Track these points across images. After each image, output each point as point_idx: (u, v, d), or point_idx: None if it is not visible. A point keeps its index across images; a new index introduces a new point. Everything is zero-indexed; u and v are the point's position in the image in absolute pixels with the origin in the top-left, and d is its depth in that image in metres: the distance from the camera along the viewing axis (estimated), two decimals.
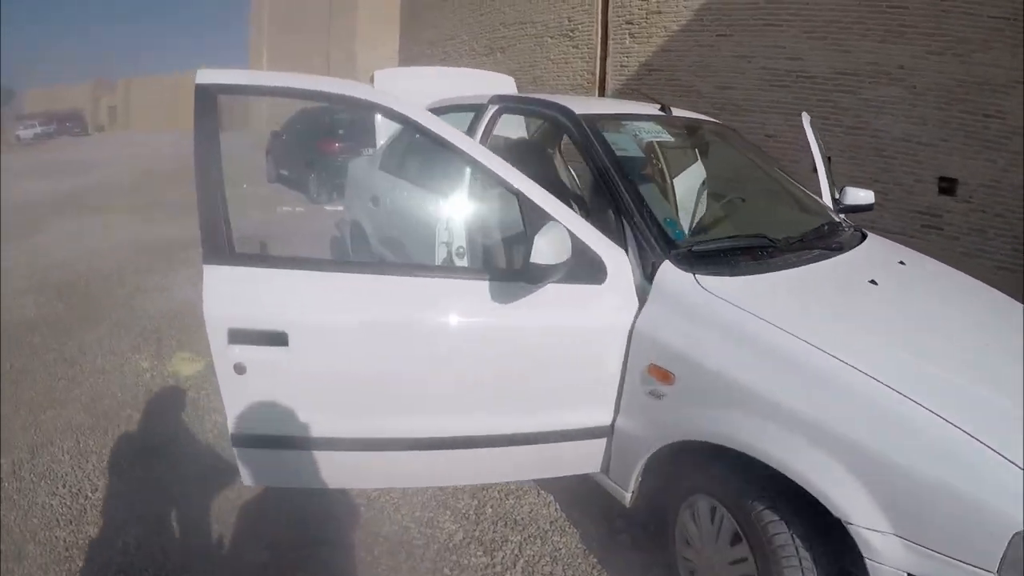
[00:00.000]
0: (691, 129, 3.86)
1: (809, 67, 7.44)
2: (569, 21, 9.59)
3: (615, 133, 3.09)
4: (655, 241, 2.43)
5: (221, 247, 2.16)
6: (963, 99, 6.69)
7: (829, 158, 4.06)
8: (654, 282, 2.37)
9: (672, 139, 3.65)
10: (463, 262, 2.90)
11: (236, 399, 2.30)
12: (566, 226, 2.21)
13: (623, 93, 8.74)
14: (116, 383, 4.61)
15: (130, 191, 13.93)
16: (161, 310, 6.07)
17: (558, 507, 3.18)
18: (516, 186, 2.27)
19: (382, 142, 4.86)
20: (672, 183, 3.73)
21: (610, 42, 9.13)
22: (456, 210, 3.11)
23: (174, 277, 7.14)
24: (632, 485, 2.51)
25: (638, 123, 3.39)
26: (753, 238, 2.71)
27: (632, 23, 8.69)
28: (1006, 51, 6.47)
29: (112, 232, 9.63)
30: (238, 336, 2.18)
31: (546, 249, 2.09)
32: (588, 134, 2.87)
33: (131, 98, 48.82)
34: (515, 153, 3.71)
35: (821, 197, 3.72)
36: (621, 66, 9.07)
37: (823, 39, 7.25)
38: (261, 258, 2.35)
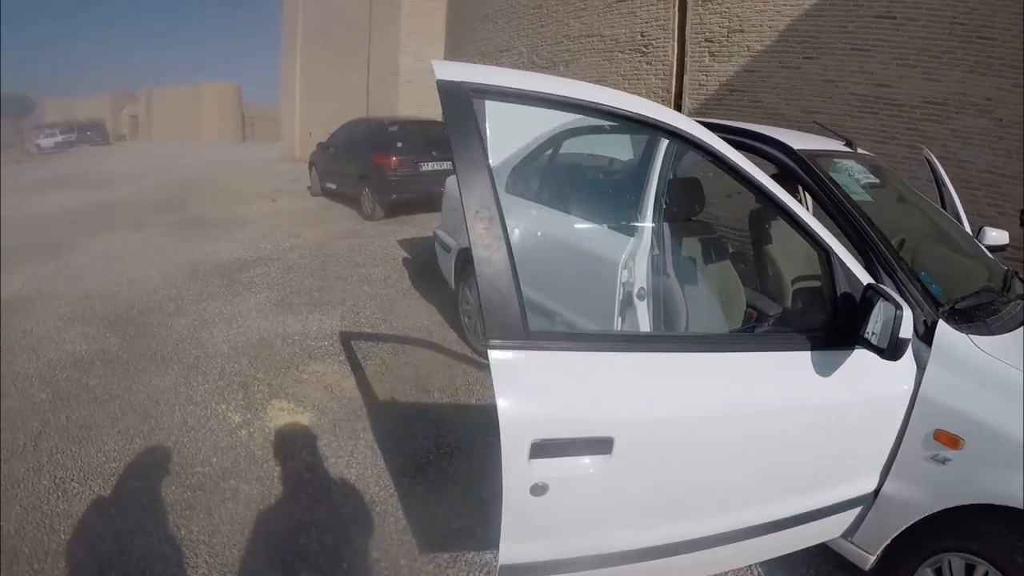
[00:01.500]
0: (875, 168, 3.59)
1: (897, 94, 7.31)
2: (642, 36, 9.33)
3: (835, 173, 2.89)
4: (923, 298, 2.32)
5: (512, 322, 1.61)
6: None
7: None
8: (934, 344, 2.24)
9: (876, 180, 3.43)
10: (644, 306, 2.81)
11: (521, 525, 1.77)
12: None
13: (703, 112, 8.50)
14: (206, 442, 3.87)
15: (162, 206, 13.04)
16: (236, 346, 5.32)
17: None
18: (828, 243, 2.11)
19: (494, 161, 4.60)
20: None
21: (687, 59, 8.87)
22: (639, 248, 2.92)
23: (240, 304, 6.42)
24: (880, 549, 2.40)
25: (844, 161, 3.22)
26: (991, 292, 2.63)
27: (712, 41, 8.46)
28: None
29: (153, 252, 8.83)
30: (544, 449, 1.69)
31: (907, 321, 1.88)
32: (819, 175, 2.64)
33: (153, 108, 47.32)
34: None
35: None
36: (699, 84, 8.81)
37: (913, 67, 7.14)
38: (567, 337, 1.92)
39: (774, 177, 2.31)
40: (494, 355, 1.59)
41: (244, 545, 2.93)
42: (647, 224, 3.02)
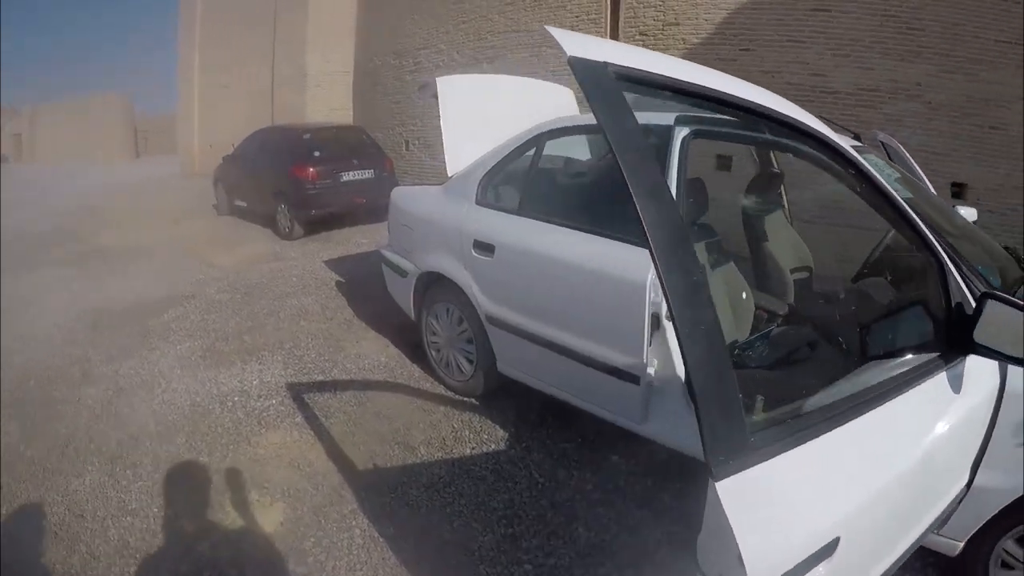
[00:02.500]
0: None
1: (832, 83, 7.53)
2: (572, 30, 8.78)
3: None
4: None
5: (735, 434, 1.14)
6: (972, 113, 7.17)
7: None
8: None
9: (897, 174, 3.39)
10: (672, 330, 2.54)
11: None
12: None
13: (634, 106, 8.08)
14: (157, 570, 2.82)
15: (54, 238, 10.59)
16: (165, 420, 4.11)
17: None
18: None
19: (454, 171, 4.13)
20: None
21: None
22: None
23: (159, 361, 5.09)
24: (969, 535, 2.39)
25: (865, 155, 3.13)
26: None
27: (646, 34, 8.23)
28: (1009, 71, 7.03)
29: (48, 297, 7.09)
30: None
31: None
32: (862, 168, 2.41)
33: (38, 126, 40.89)
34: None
35: None
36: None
37: (847, 56, 7.41)
38: (788, 431, 1.40)
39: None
40: (724, 486, 1.09)
41: None
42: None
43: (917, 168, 4.15)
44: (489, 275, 3.77)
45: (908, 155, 4.29)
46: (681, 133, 2.92)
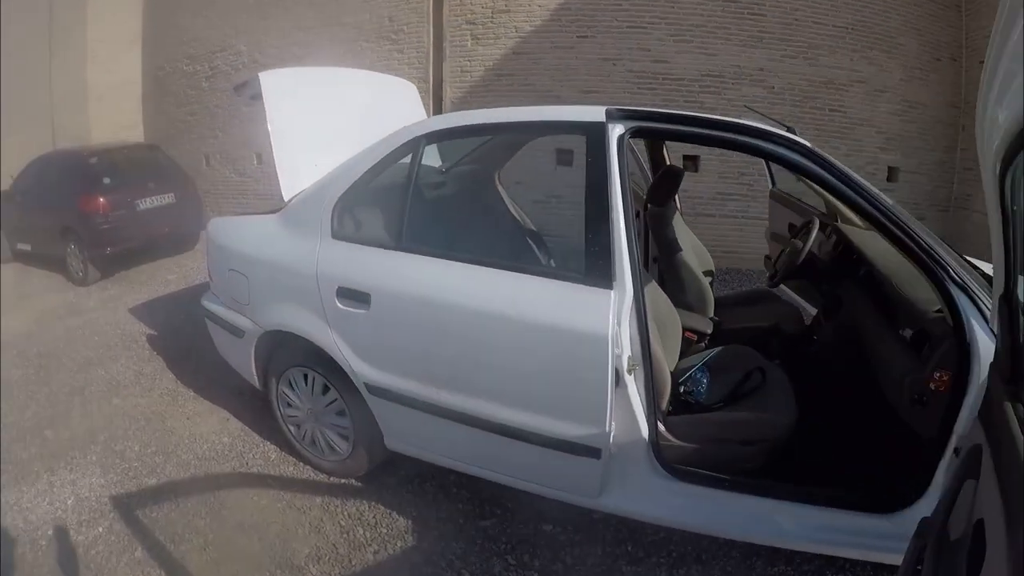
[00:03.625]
0: None
1: (675, 69, 7.18)
2: (391, 21, 7.94)
3: None
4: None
5: None
6: (813, 97, 7.31)
7: None
8: None
9: None
10: (633, 383, 2.27)
11: None
12: None
13: (468, 103, 7.21)
14: None
15: None
16: None
17: None
18: None
19: (291, 194, 3.19)
20: None
21: (446, 44, 7.67)
22: (624, 301, 2.26)
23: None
24: None
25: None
26: None
27: (475, 23, 7.38)
28: (846, 56, 7.33)
29: None
30: None
31: None
32: (849, 177, 2.24)
33: None
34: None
35: None
36: (462, 71, 7.68)
37: (689, 42, 7.14)
38: None
39: None
40: None
41: None
42: (625, 259, 2.28)
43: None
44: (365, 333, 2.84)
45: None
46: (616, 131, 2.39)
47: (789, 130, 2.60)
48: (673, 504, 2.39)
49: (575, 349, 2.26)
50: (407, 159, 2.83)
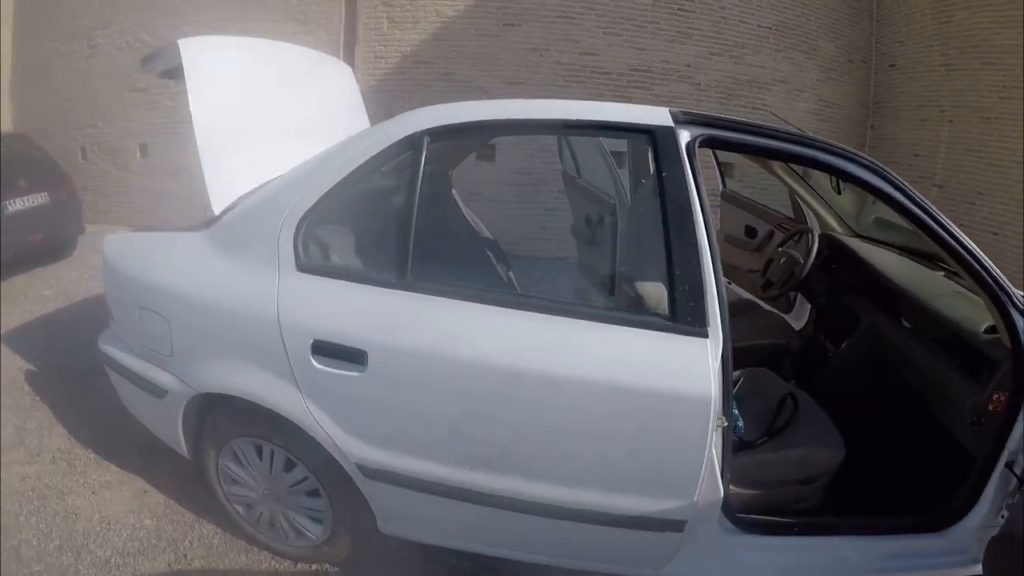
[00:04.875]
0: None
1: (603, 63, 6.75)
2: (298, 1, 6.97)
3: None
4: None
5: None
6: (737, 94, 7.24)
7: None
8: None
9: None
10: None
11: None
12: None
13: (381, 91, 6.40)
14: None
15: None
16: None
17: None
18: None
19: (223, 206, 2.37)
20: None
21: (359, 27, 6.85)
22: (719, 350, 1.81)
23: None
24: None
25: None
26: None
27: (391, 4, 6.65)
28: (770, 55, 7.31)
29: None
30: None
31: None
32: (923, 201, 2.01)
33: None
34: None
35: None
36: (376, 56, 6.90)
37: (619, 36, 6.76)
38: None
39: None
40: None
41: None
42: (715, 296, 1.82)
43: None
44: (359, 401, 2.05)
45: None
46: (684, 137, 1.93)
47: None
48: (746, 560, 2.10)
49: (668, 414, 1.80)
50: (403, 162, 2.10)
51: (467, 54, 6.48)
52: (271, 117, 2.73)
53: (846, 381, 2.87)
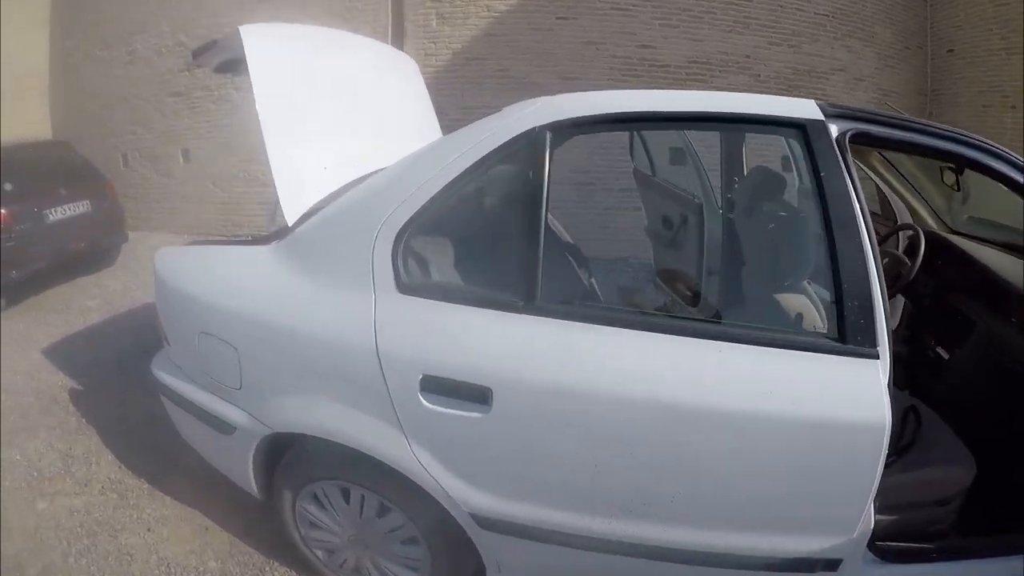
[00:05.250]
0: None
1: (661, 56, 6.35)
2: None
3: None
4: None
5: None
6: (797, 85, 6.85)
7: None
8: None
9: None
10: None
11: None
12: None
13: (435, 89, 6.02)
14: None
15: None
16: None
17: None
18: None
19: (296, 213, 2.03)
20: None
21: (407, 24, 6.53)
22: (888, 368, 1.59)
23: None
24: None
25: None
26: None
27: (440, 0, 6.16)
28: (827, 43, 6.93)
29: None
30: None
31: None
32: None
33: None
34: None
35: None
36: (426, 54, 6.53)
37: (675, 27, 6.36)
38: None
39: None
40: None
41: None
42: (882, 310, 1.57)
43: None
44: (479, 446, 1.76)
45: None
46: (833, 131, 1.69)
47: None
48: None
49: (838, 446, 1.56)
50: (520, 162, 1.80)
51: (521, 49, 6.15)
52: (341, 113, 2.43)
53: (967, 390, 2.59)
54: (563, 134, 1.78)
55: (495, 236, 1.98)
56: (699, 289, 2.38)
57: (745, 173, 3.07)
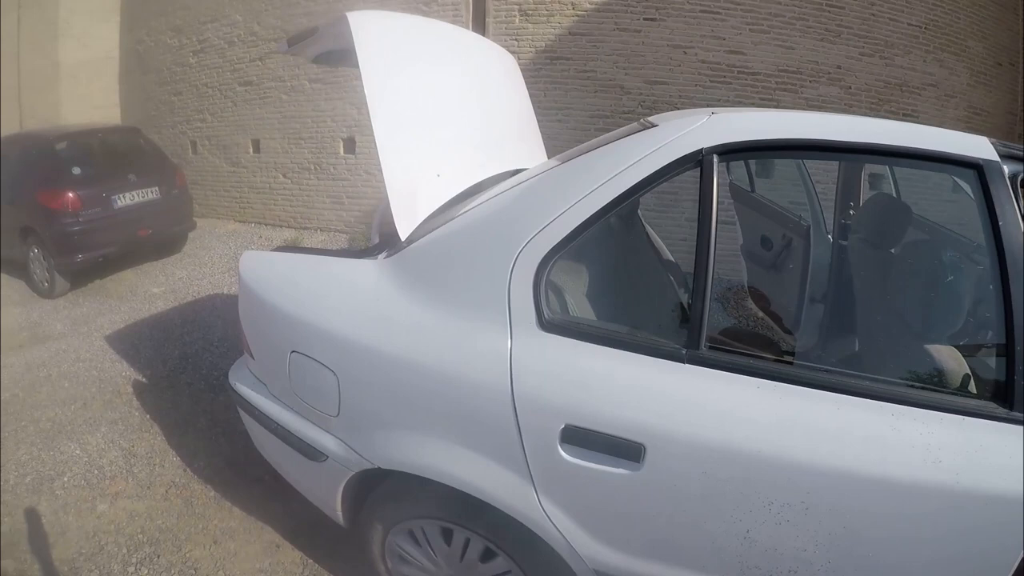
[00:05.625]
0: None
1: (751, 62, 5.92)
2: None
3: None
4: None
5: None
6: (888, 99, 6.35)
7: None
8: None
9: None
10: None
11: None
12: None
13: None
14: None
15: None
16: None
17: None
18: None
19: (410, 226, 1.85)
20: None
21: (489, 20, 6.23)
22: None
23: None
24: None
25: None
26: None
27: None
28: (920, 56, 6.43)
29: None
30: None
31: None
32: None
33: None
34: None
35: None
36: (509, 51, 6.00)
37: (766, 33, 5.90)
38: None
39: None
40: None
41: None
42: None
43: None
44: (620, 502, 1.53)
45: None
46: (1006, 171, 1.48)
47: None
48: None
49: (994, 519, 1.36)
50: (681, 189, 1.63)
51: (606, 50, 5.78)
52: (453, 113, 2.22)
53: None
54: (732, 158, 1.58)
55: (651, 271, 1.73)
56: (810, 326, 2.11)
57: (861, 199, 2.80)
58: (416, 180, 1.88)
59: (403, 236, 1.76)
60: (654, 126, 1.70)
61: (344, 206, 6.90)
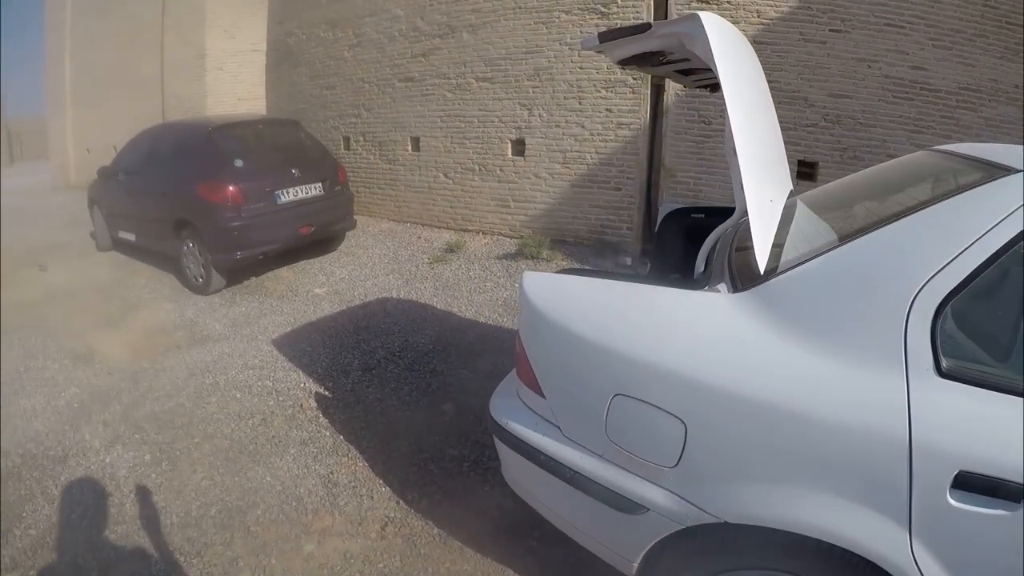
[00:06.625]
0: None
1: (932, 78, 5.46)
2: None
3: None
4: None
5: None
6: None
7: None
8: None
9: None
10: None
11: None
12: None
13: (697, 96, 5.67)
14: None
15: None
16: None
17: None
18: None
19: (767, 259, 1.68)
20: None
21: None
22: None
23: None
24: None
25: None
26: None
27: (707, 1, 5.61)
28: None
29: None
30: None
31: None
32: None
33: None
34: None
35: None
36: None
37: (948, 49, 5.46)
38: None
39: None
40: None
41: None
42: None
43: None
44: (999, 546, 1.37)
45: None
46: None
47: None
48: None
49: None
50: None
51: (791, 60, 5.40)
52: (764, 130, 2.07)
53: None
54: None
55: None
56: None
57: None
58: (772, 208, 1.72)
59: (761, 269, 1.61)
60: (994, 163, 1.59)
61: (510, 209, 6.58)
